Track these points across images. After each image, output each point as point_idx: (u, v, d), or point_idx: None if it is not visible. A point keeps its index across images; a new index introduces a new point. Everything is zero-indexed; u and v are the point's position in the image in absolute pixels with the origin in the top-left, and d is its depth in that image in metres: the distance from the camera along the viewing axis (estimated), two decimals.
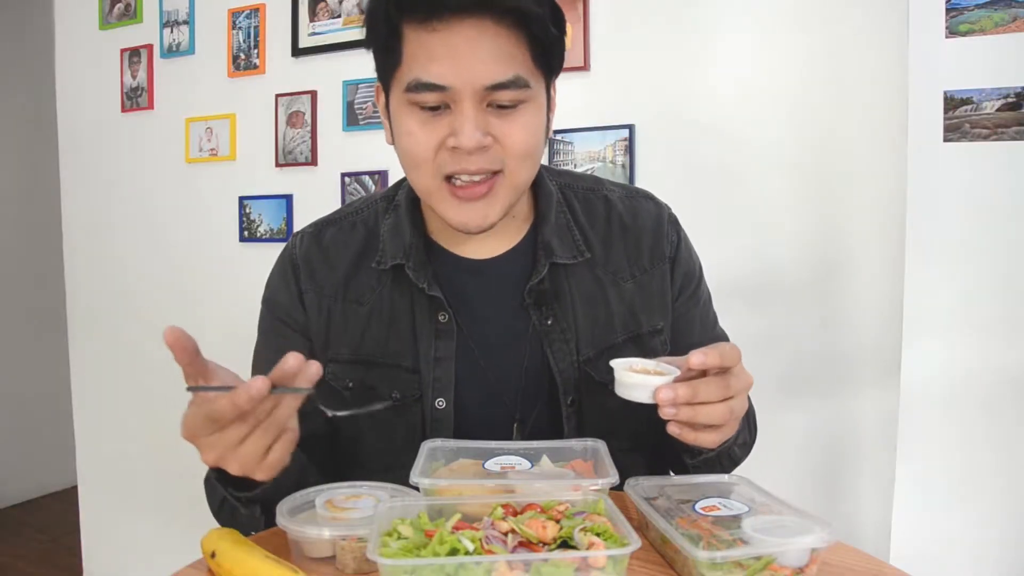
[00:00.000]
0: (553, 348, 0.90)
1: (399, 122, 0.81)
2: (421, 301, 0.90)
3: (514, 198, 0.84)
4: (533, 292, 0.90)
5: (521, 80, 0.77)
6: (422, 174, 0.81)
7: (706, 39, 1.69)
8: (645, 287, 0.94)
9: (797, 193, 1.63)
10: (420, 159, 0.80)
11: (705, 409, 0.70)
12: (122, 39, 2.41)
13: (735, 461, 0.90)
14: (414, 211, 0.93)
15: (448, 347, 0.89)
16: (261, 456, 0.67)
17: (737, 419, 0.74)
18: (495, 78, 0.76)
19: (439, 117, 0.78)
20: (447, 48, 0.75)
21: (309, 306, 0.94)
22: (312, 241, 0.97)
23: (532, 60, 0.79)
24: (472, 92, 0.76)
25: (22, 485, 3.40)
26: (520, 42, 0.77)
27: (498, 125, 0.79)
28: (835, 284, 1.61)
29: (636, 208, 0.97)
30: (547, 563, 0.57)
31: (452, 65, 0.75)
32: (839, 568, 0.67)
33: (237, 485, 0.75)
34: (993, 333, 1.31)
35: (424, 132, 0.79)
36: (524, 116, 0.80)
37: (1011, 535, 1.31)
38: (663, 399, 0.69)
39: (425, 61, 0.76)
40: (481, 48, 0.75)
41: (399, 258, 0.90)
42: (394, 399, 0.90)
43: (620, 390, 0.74)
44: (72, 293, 2.60)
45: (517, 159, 0.81)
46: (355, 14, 2.04)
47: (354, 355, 0.91)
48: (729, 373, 0.71)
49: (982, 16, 1.28)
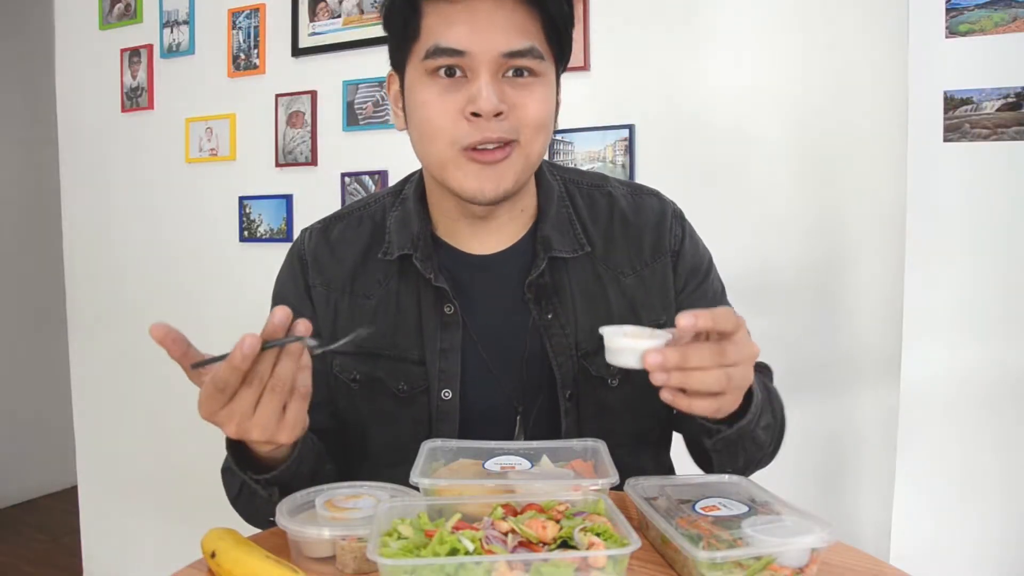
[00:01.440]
0: (552, 342, 0.90)
1: (415, 95, 0.82)
2: (427, 293, 0.91)
3: (526, 171, 0.86)
4: (533, 286, 0.90)
5: (536, 51, 0.80)
6: (438, 143, 0.82)
7: (706, 39, 1.69)
8: (646, 281, 0.94)
9: (797, 193, 1.63)
10: (437, 127, 0.81)
11: (697, 375, 0.66)
12: (122, 39, 2.41)
13: (760, 446, 0.84)
14: (421, 204, 0.94)
15: (454, 338, 0.90)
16: (278, 417, 0.69)
17: (739, 389, 0.71)
18: (512, 46, 0.79)
19: (456, 87, 0.80)
20: (467, 15, 0.78)
21: (317, 300, 0.95)
22: (320, 237, 0.98)
23: (546, 38, 0.82)
24: (490, 59, 0.79)
25: (22, 485, 3.40)
26: (535, 19, 0.81)
27: (513, 95, 0.81)
28: (835, 284, 1.61)
29: (640, 204, 0.98)
30: (547, 563, 0.57)
31: (471, 31, 0.78)
32: (839, 568, 0.67)
33: (256, 469, 0.77)
34: (993, 333, 1.31)
35: (441, 101, 0.80)
36: (538, 89, 0.82)
37: (1011, 535, 1.31)
38: (651, 363, 0.66)
39: (444, 28, 0.79)
40: (500, 18, 0.78)
41: (406, 248, 0.91)
42: (401, 390, 0.91)
43: (609, 356, 0.71)
44: (72, 293, 2.60)
45: (531, 129, 0.82)
46: (355, 14, 2.04)
47: (361, 348, 0.92)
48: (728, 340, 0.68)
49: (982, 16, 1.28)
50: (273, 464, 0.77)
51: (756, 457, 0.86)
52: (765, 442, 0.85)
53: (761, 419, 0.81)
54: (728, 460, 0.83)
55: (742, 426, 0.78)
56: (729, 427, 0.78)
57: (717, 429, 0.79)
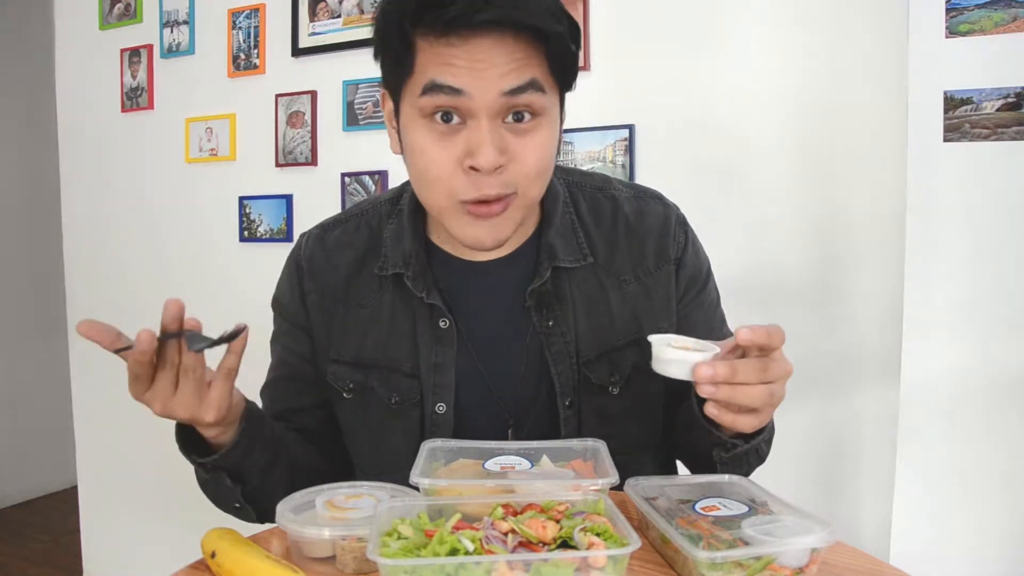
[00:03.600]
0: (552, 350, 0.89)
1: (412, 138, 0.79)
2: (421, 307, 0.90)
3: (526, 214, 0.84)
4: (535, 294, 0.89)
5: (537, 83, 0.76)
6: (435, 193, 0.80)
7: (706, 39, 1.69)
8: (649, 290, 0.93)
9: (797, 193, 1.63)
10: (434, 177, 0.78)
11: (744, 390, 0.68)
12: (122, 39, 2.41)
13: (762, 457, 0.87)
14: (416, 217, 0.92)
15: (448, 353, 0.89)
16: (199, 396, 0.73)
17: (775, 406, 0.72)
18: (512, 83, 0.74)
19: (453, 134, 0.76)
20: (465, 56, 0.74)
21: (311, 307, 0.94)
22: (317, 243, 0.97)
23: (549, 71, 0.78)
24: (489, 101, 0.75)
25: (22, 485, 3.40)
26: (537, 50, 0.76)
27: (513, 143, 0.77)
28: (835, 284, 1.61)
29: (643, 209, 0.96)
30: (547, 563, 0.57)
31: (469, 72, 0.74)
32: (839, 568, 0.67)
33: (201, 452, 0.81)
34: (993, 333, 1.31)
35: (438, 150, 0.77)
36: (539, 135, 0.79)
37: (1011, 535, 1.31)
38: (702, 376, 0.67)
39: (441, 66, 0.74)
40: (499, 57, 0.74)
41: (399, 267, 0.90)
42: (393, 402, 0.90)
43: (657, 365, 0.72)
44: (72, 293, 2.60)
45: (530, 180, 0.79)
46: (355, 14, 2.04)
47: (355, 358, 0.92)
48: (769, 357, 0.69)
49: (982, 16, 1.28)
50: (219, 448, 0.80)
51: (754, 467, 0.88)
52: (765, 454, 0.88)
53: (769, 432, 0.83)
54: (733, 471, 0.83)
55: (755, 441, 0.80)
56: (746, 442, 0.80)
57: (734, 444, 0.80)
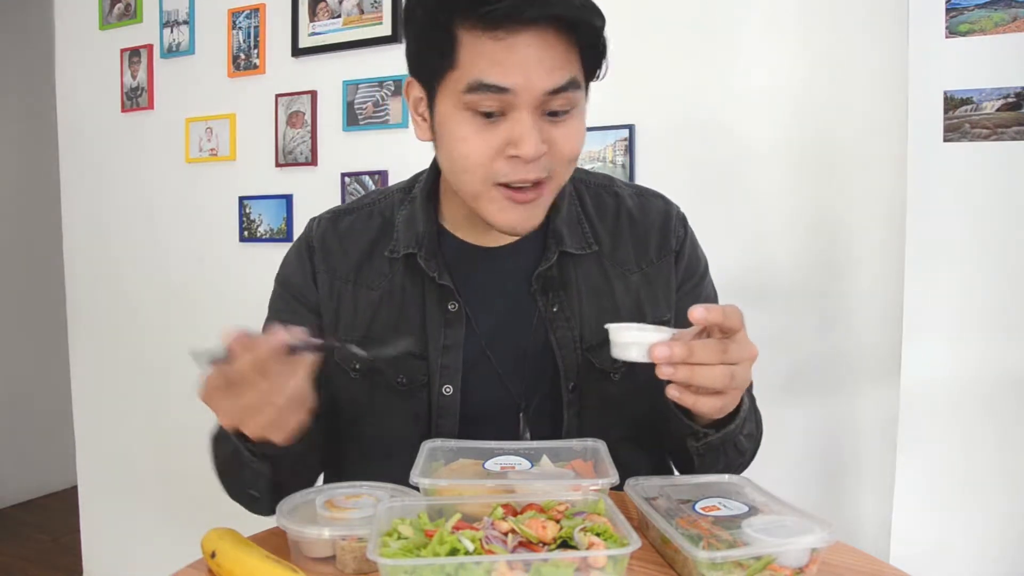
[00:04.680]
0: (557, 334, 0.91)
1: (451, 127, 0.81)
2: (431, 289, 0.92)
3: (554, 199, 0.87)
4: (541, 278, 0.91)
5: (575, 82, 0.79)
6: (472, 178, 0.81)
7: (706, 39, 1.69)
8: (651, 280, 0.96)
9: (797, 193, 1.63)
10: (473, 164, 0.80)
11: (702, 370, 0.68)
12: (122, 39, 2.41)
13: (742, 452, 0.87)
14: (428, 203, 0.95)
15: (456, 335, 0.91)
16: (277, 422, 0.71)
17: (740, 389, 0.73)
18: (555, 82, 0.77)
19: (495, 124, 0.79)
20: (511, 54, 0.75)
21: (321, 286, 0.96)
22: (329, 225, 0.99)
23: (582, 66, 0.82)
24: (532, 98, 0.77)
25: (22, 485, 3.40)
26: (572, 47, 0.79)
27: (551, 132, 0.80)
28: (835, 284, 1.61)
29: (646, 205, 1.00)
30: (547, 563, 0.57)
31: (517, 70, 0.76)
32: (839, 568, 0.67)
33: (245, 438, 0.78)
34: (993, 333, 1.31)
35: (480, 139, 0.79)
36: (574, 122, 0.82)
37: (1011, 535, 1.31)
38: (659, 356, 0.68)
39: (487, 65, 0.76)
40: (542, 53, 0.76)
41: (411, 247, 0.92)
42: (400, 384, 0.91)
43: (615, 350, 0.73)
44: (72, 293, 2.60)
45: (564, 164, 0.83)
46: (355, 14, 2.04)
47: (363, 339, 0.92)
48: (731, 339, 0.69)
49: (982, 16, 1.28)
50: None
51: (735, 463, 0.88)
52: (746, 450, 0.88)
53: (745, 427, 0.83)
54: (709, 464, 0.85)
55: (729, 431, 0.80)
56: (716, 432, 0.81)
57: (704, 433, 0.81)
